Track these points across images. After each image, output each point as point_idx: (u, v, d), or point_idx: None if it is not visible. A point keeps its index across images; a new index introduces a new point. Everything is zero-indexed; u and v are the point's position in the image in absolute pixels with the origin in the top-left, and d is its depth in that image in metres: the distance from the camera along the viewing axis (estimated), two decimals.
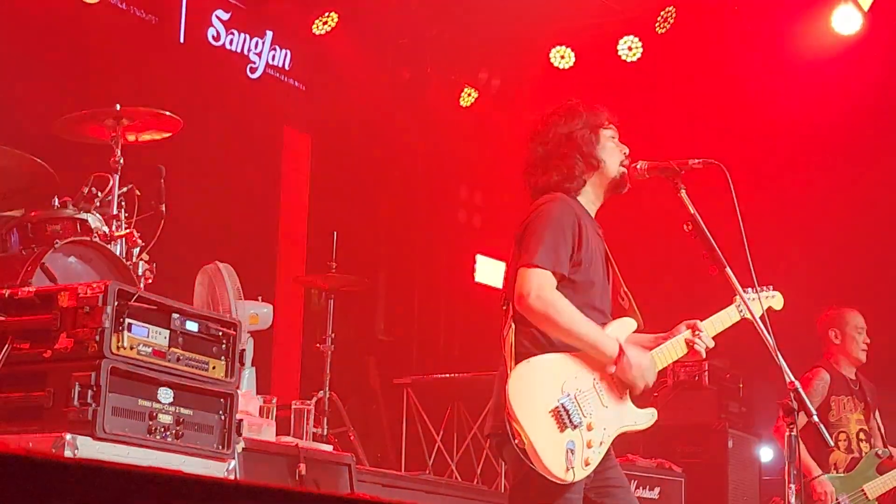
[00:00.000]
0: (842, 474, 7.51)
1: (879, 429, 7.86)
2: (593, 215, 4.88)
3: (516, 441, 4.30)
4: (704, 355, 4.89)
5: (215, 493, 1.02)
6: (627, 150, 4.92)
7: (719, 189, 4.69)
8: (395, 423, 10.59)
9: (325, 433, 8.77)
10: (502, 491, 9.16)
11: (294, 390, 10.15)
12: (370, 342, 11.86)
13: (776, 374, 4.49)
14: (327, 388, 9.31)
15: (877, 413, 7.93)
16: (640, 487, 8.41)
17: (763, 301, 4.86)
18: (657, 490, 8.54)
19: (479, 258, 12.46)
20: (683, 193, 4.76)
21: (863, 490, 7.45)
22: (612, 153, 4.88)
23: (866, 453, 7.62)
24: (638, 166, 4.86)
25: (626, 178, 4.89)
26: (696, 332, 4.84)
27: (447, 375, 10.62)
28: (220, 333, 5.32)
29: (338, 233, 9.70)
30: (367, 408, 10.97)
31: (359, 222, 11.49)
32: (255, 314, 7.75)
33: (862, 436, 7.73)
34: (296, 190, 11.34)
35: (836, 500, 7.38)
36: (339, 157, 11.48)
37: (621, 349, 4.57)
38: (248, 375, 7.53)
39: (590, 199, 4.88)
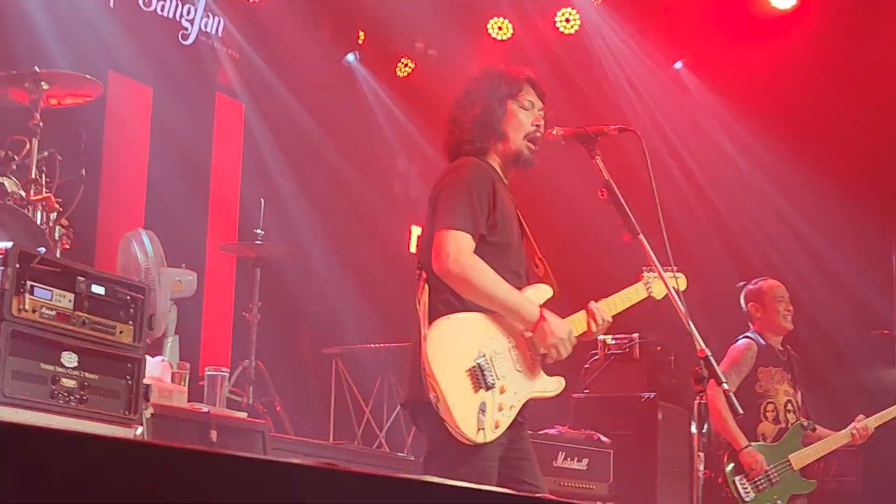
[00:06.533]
0: (769, 444, 7.56)
1: (803, 401, 7.90)
2: (506, 182, 4.84)
3: (432, 395, 4.28)
4: (597, 331, 4.78)
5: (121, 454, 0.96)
6: (540, 124, 4.85)
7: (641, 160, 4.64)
8: (325, 393, 10.55)
9: (252, 402, 8.71)
10: None
11: (225, 359, 10.07)
12: (302, 312, 11.78)
13: (708, 347, 4.44)
14: (253, 357, 9.24)
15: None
16: (568, 458, 8.37)
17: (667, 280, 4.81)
18: (585, 461, 8.50)
19: (415, 229, 12.40)
20: (599, 160, 4.71)
21: (788, 460, 7.51)
22: (517, 127, 4.81)
23: (793, 424, 7.67)
24: (554, 132, 4.81)
25: (527, 154, 4.82)
26: (594, 309, 4.79)
27: (376, 346, 10.58)
28: (129, 297, 5.25)
29: (271, 202, 9.63)
30: (297, 377, 10.91)
31: (292, 191, 11.39)
32: (179, 281, 7.65)
33: (790, 406, 7.77)
34: (228, 158, 11.22)
35: (765, 469, 7.43)
36: (272, 126, 11.37)
37: (542, 315, 4.53)
38: (172, 344, 7.45)
39: (498, 164, 4.83)
